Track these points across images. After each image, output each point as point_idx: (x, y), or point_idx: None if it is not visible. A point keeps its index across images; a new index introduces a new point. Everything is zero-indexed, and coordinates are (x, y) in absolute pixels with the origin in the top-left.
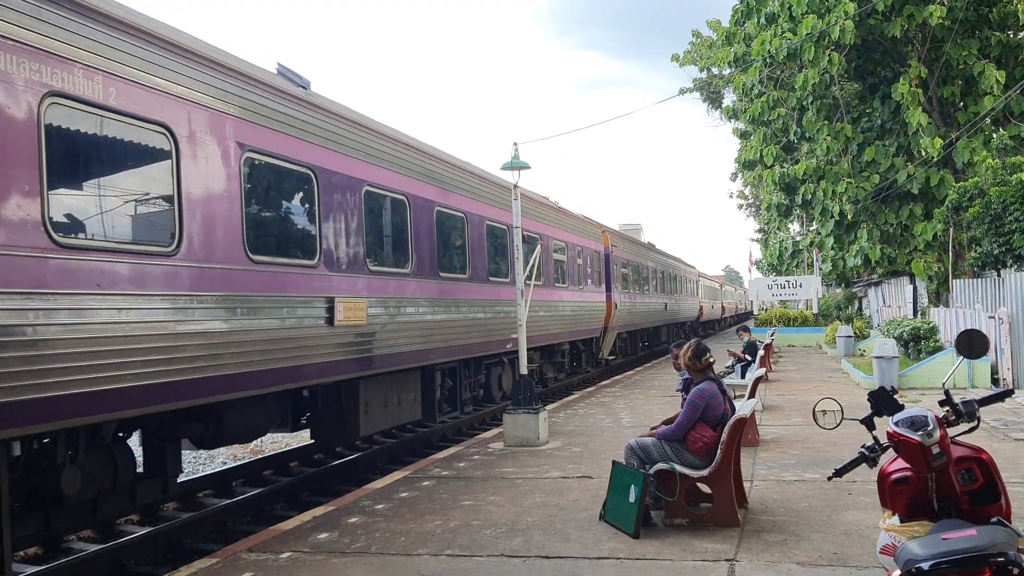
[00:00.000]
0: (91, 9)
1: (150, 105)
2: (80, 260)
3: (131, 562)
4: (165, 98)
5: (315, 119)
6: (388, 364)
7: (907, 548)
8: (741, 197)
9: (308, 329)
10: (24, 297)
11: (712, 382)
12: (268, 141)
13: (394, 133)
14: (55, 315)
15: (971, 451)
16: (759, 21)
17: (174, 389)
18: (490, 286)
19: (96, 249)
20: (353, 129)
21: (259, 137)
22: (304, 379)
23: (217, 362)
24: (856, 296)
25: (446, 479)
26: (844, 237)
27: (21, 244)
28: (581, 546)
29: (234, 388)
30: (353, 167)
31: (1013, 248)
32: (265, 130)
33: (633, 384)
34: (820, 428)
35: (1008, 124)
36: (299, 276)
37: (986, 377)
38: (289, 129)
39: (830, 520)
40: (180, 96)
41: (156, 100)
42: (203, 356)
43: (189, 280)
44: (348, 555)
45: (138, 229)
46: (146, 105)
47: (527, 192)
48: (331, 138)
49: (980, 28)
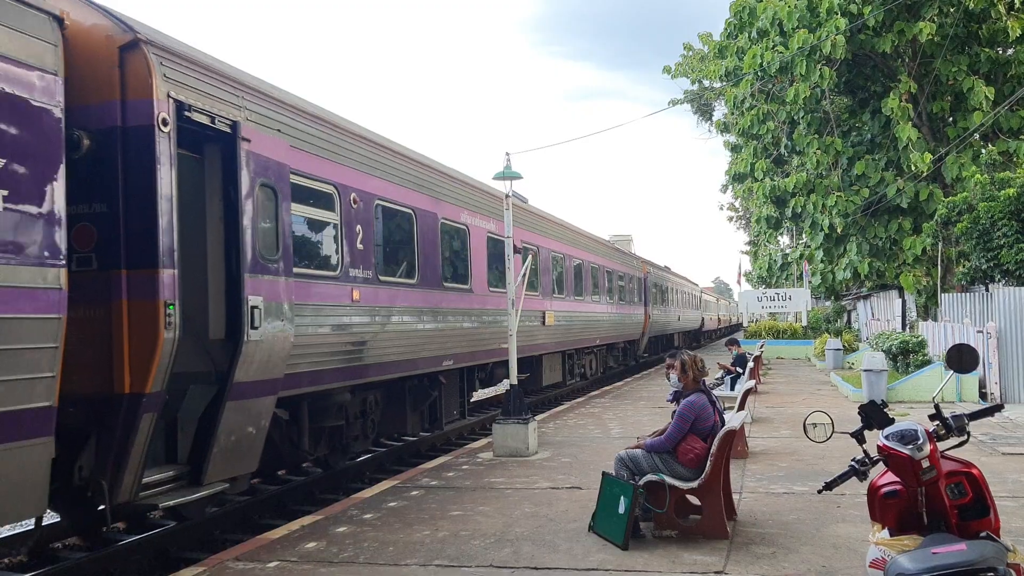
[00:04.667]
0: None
1: (421, 203)
2: (390, 288)
3: (117, 570)
4: (410, 194)
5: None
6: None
7: (897, 562)
8: (731, 209)
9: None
10: (370, 309)
11: (702, 394)
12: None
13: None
14: (382, 319)
15: (961, 465)
16: (751, 35)
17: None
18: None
19: (394, 284)
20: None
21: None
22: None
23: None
24: (845, 309)
25: (435, 489)
26: (834, 250)
27: (370, 279)
28: (570, 557)
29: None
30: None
31: (1001, 263)
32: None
33: (623, 395)
34: (810, 441)
35: (997, 140)
36: (470, 295)
37: (974, 391)
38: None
39: (819, 533)
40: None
41: (407, 196)
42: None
43: (422, 299)
44: (336, 565)
45: (408, 271)
46: (410, 202)
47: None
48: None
49: (970, 44)
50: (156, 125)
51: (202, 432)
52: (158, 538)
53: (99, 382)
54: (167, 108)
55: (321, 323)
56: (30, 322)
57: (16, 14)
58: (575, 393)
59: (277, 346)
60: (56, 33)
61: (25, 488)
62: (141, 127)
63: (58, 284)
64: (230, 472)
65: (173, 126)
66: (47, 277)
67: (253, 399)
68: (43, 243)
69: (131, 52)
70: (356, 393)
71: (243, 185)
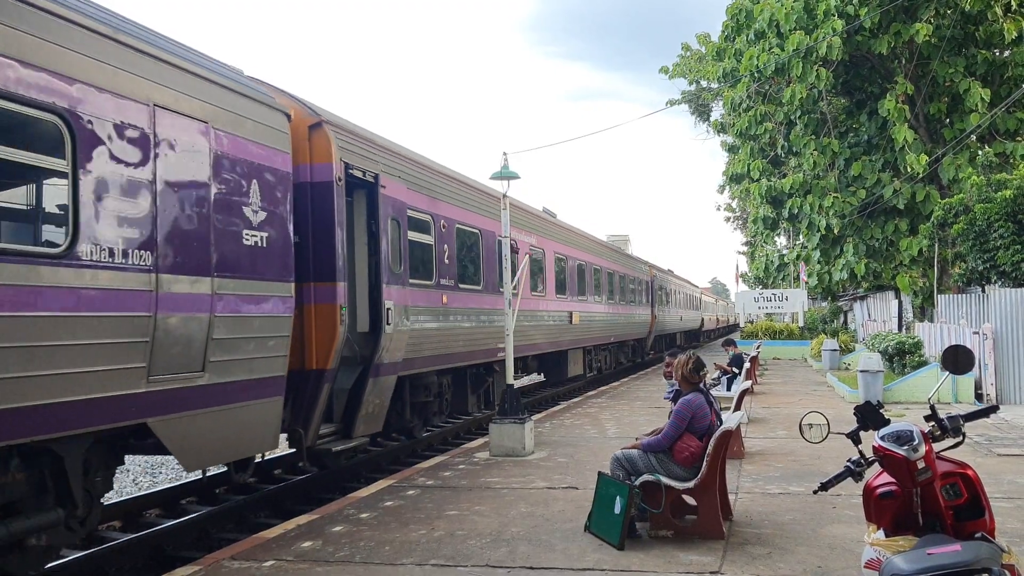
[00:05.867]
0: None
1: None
2: (464, 293)
3: (112, 569)
4: (476, 217)
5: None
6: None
7: (892, 563)
8: (728, 210)
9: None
10: (452, 310)
11: (700, 393)
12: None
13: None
14: (458, 317)
15: (956, 466)
16: (748, 37)
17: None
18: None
19: (467, 290)
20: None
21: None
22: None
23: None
24: (842, 310)
25: (431, 488)
26: (830, 251)
27: (452, 287)
28: (566, 557)
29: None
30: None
31: (997, 264)
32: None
33: (619, 395)
34: (806, 441)
35: (993, 141)
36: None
37: (970, 392)
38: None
39: (815, 534)
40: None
41: (474, 219)
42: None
43: (485, 301)
44: (332, 564)
45: (475, 279)
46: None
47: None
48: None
49: (966, 46)
50: (334, 181)
51: (351, 400)
52: (153, 537)
53: (296, 361)
54: (340, 169)
55: (424, 321)
56: (278, 319)
57: (269, 115)
58: (582, 388)
59: (401, 338)
60: (287, 124)
61: (271, 429)
62: (324, 183)
63: (290, 293)
64: (369, 430)
65: (343, 181)
66: (287, 288)
67: (384, 377)
68: (285, 265)
69: (317, 129)
70: (439, 377)
71: (381, 219)
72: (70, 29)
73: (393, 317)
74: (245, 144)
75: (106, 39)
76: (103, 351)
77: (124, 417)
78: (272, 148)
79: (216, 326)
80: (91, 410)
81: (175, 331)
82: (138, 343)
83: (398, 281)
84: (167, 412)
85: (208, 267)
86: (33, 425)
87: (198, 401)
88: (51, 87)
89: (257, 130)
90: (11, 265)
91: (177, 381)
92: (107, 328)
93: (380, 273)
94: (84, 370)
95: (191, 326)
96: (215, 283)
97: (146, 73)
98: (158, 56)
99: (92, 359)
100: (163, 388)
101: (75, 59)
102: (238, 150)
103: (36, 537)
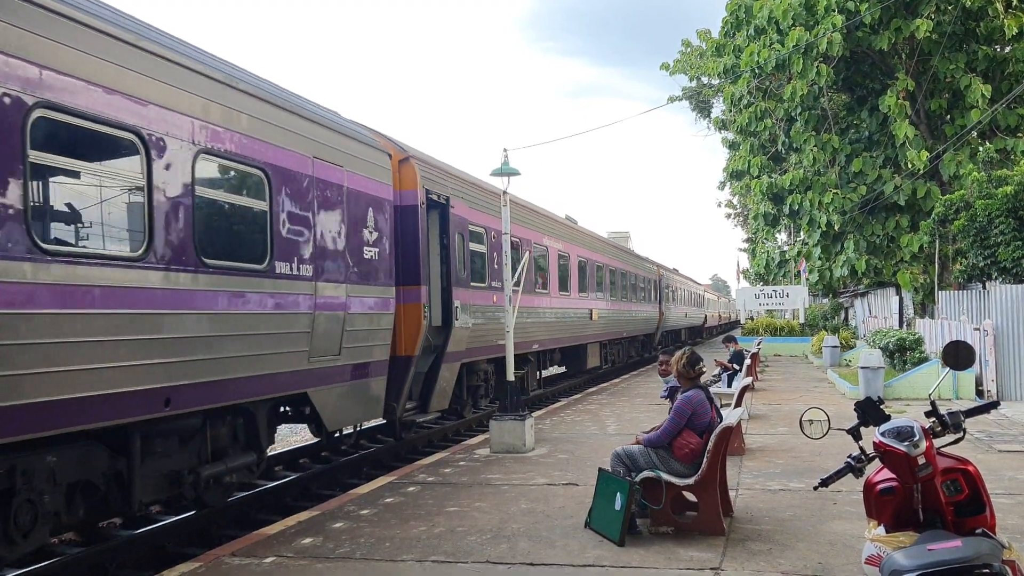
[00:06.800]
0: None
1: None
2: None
3: (113, 566)
4: (519, 228)
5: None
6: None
7: (892, 559)
8: (729, 206)
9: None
10: (498, 307)
11: (699, 390)
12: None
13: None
14: (502, 313)
15: (957, 462)
16: (748, 33)
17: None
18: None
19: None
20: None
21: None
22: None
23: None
24: (842, 306)
25: (432, 485)
26: (831, 248)
27: (499, 288)
28: (566, 553)
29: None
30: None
31: (998, 261)
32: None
33: (619, 392)
34: (806, 437)
35: (994, 137)
36: (548, 297)
37: (971, 389)
38: None
39: (815, 530)
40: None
41: (517, 230)
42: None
43: (523, 300)
44: (332, 560)
45: (516, 279)
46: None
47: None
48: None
49: (967, 42)
50: (419, 204)
51: (426, 382)
52: (154, 534)
53: (390, 349)
54: (422, 195)
55: (479, 316)
56: (385, 315)
57: (377, 155)
58: (583, 385)
59: (465, 331)
60: (389, 162)
61: (379, 401)
62: (411, 206)
63: (392, 295)
64: (439, 407)
65: (424, 203)
66: (390, 291)
67: (452, 363)
68: (389, 273)
69: (405, 163)
70: (487, 364)
71: (451, 233)
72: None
73: (460, 314)
74: (364, 180)
75: (298, 117)
76: (288, 338)
77: (296, 387)
78: (380, 181)
79: (348, 321)
80: (277, 380)
81: (325, 324)
82: (306, 333)
83: (462, 284)
84: (319, 384)
85: (344, 276)
86: (252, 391)
87: (337, 377)
88: (260, 153)
89: (370, 168)
90: (236, 277)
91: (325, 362)
92: (291, 322)
93: (451, 277)
94: (277, 352)
95: (333, 320)
96: (348, 288)
97: (308, 133)
98: (313, 119)
99: (282, 344)
100: (317, 367)
101: (274, 132)
102: (360, 185)
103: (230, 476)
